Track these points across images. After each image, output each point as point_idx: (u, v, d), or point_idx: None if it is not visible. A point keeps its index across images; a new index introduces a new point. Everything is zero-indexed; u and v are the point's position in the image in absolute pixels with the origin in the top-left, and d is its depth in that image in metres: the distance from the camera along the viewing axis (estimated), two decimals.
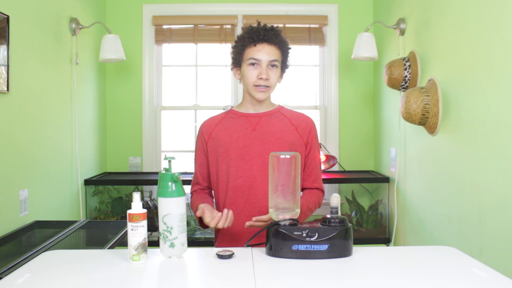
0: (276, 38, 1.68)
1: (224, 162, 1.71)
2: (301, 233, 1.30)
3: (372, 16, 3.66)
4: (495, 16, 1.88)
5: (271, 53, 1.67)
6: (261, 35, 1.66)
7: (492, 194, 1.90)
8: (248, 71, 1.68)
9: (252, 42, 1.67)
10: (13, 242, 2.10)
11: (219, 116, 1.81)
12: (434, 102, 2.32)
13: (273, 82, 1.70)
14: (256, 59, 1.66)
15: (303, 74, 3.79)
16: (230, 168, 1.70)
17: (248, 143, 1.71)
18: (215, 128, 1.76)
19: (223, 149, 1.72)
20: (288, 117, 1.77)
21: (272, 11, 3.65)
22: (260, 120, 1.74)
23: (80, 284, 1.13)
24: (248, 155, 1.70)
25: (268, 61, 1.67)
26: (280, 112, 1.78)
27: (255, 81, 1.67)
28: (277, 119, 1.75)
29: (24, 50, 2.32)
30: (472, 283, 1.13)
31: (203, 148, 1.77)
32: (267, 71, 1.67)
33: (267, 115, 1.76)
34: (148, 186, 3.51)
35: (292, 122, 1.75)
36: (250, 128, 1.73)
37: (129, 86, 3.65)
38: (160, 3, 3.63)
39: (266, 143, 1.70)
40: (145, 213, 1.29)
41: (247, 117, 1.75)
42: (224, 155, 1.71)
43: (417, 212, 2.79)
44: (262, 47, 1.67)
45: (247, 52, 1.68)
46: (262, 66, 1.66)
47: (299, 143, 1.73)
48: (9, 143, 2.17)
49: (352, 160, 3.72)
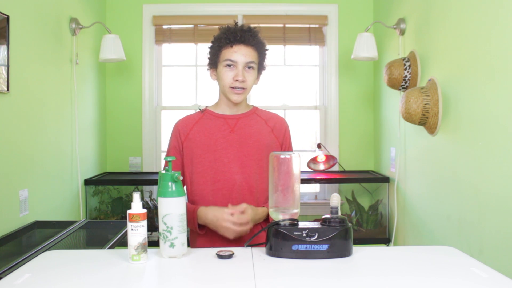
0: (253, 39, 1.66)
1: (199, 165, 1.68)
2: (301, 233, 1.30)
3: (372, 16, 3.66)
4: (495, 16, 1.88)
5: (247, 55, 1.64)
6: (238, 36, 1.64)
7: (492, 194, 1.90)
8: (224, 73, 1.66)
9: (229, 43, 1.64)
10: (13, 242, 2.10)
11: (195, 116, 1.77)
12: (434, 102, 2.32)
13: (249, 84, 1.67)
14: (233, 60, 1.64)
15: (303, 74, 3.79)
16: (207, 170, 1.67)
17: (226, 146, 1.68)
18: (192, 129, 1.72)
19: (200, 150, 1.68)
20: (263, 118, 1.76)
21: (272, 11, 3.65)
22: (237, 122, 1.72)
23: (80, 284, 1.13)
24: (226, 157, 1.67)
25: (244, 62, 1.64)
26: (256, 114, 1.77)
27: (231, 82, 1.65)
28: (254, 121, 1.74)
29: (24, 50, 2.32)
30: (472, 283, 1.13)
31: (179, 147, 1.72)
32: (243, 73, 1.64)
33: (245, 116, 1.74)
34: (148, 186, 3.51)
35: (267, 124, 1.75)
36: (228, 130, 1.71)
37: (129, 86, 3.65)
38: (160, 3, 3.63)
39: (243, 146, 1.69)
40: (145, 213, 1.29)
41: (225, 118, 1.73)
42: (201, 157, 1.68)
43: (417, 212, 2.79)
44: (238, 48, 1.64)
45: (224, 53, 1.66)
46: (239, 68, 1.64)
47: (275, 145, 1.73)
48: (9, 143, 2.17)
49: (352, 160, 3.72)
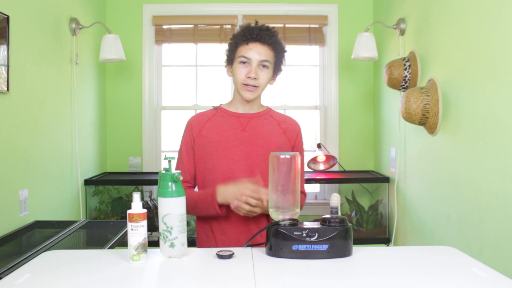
0: (270, 38, 1.66)
1: (210, 161, 1.69)
2: (301, 233, 1.30)
3: (372, 16, 3.66)
4: (495, 16, 1.88)
5: (262, 53, 1.65)
6: (255, 34, 1.65)
7: (492, 194, 1.90)
8: (237, 69, 1.67)
9: (245, 41, 1.66)
10: (13, 242, 2.10)
11: (208, 113, 1.77)
12: (434, 102, 2.32)
13: (262, 83, 1.67)
14: (247, 57, 1.65)
15: (303, 74, 3.79)
16: (217, 167, 1.68)
17: (236, 143, 1.69)
18: (205, 125, 1.73)
19: (211, 147, 1.69)
20: (276, 120, 1.76)
21: (272, 11, 3.65)
22: (250, 121, 1.73)
23: (80, 284, 1.13)
24: (236, 155, 1.68)
25: (258, 60, 1.65)
26: (269, 115, 1.77)
27: (243, 79, 1.66)
28: (266, 121, 1.74)
29: (24, 50, 2.32)
30: (472, 283, 1.13)
31: (191, 144, 1.73)
32: (256, 71, 1.65)
33: (257, 116, 1.74)
34: (148, 186, 3.51)
35: (280, 126, 1.75)
36: (240, 129, 1.71)
37: (129, 86, 3.65)
38: (160, 3, 3.63)
39: (254, 145, 1.69)
40: (145, 213, 1.29)
41: (237, 117, 1.73)
42: (212, 154, 1.69)
43: (417, 212, 2.79)
44: (254, 46, 1.65)
45: (239, 50, 1.67)
46: (252, 65, 1.65)
47: (286, 147, 1.73)
48: (9, 143, 2.17)
49: (352, 160, 3.72)
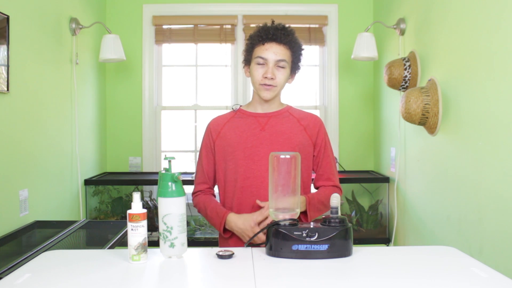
0: (286, 38, 1.66)
1: (231, 162, 1.70)
2: (301, 233, 1.30)
3: (372, 16, 3.66)
4: (495, 16, 1.88)
5: (278, 53, 1.65)
6: (270, 34, 1.65)
7: (492, 194, 1.90)
8: (255, 70, 1.68)
9: (261, 41, 1.66)
10: (13, 242, 2.10)
11: (228, 115, 1.79)
12: (434, 102, 2.32)
13: (279, 82, 1.68)
14: (263, 58, 1.66)
15: (303, 74, 3.78)
16: (238, 168, 1.69)
17: (256, 143, 1.69)
18: (224, 127, 1.75)
19: (231, 148, 1.71)
20: (296, 117, 1.76)
21: (272, 11, 3.65)
22: (268, 120, 1.73)
23: (80, 284, 1.13)
24: (257, 155, 1.68)
25: (275, 60, 1.65)
26: (289, 112, 1.77)
27: (260, 79, 1.67)
28: (285, 119, 1.74)
29: (24, 50, 2.32)
30: (472, 283, 1.13)
31: (211, 146, 1.75)
32: (273, 71, 1.66)
33: (276, 115, 1.75)
34: (148, 186, 3.51)
35: (300, 123, 1.75)
36: (258, 128, 1.72)
37: (129, 86, 3.65)
38: (160, 3, 3.63)
39: (274, 144, 1.69)
40: (145, 213, 1.29)
41: (256, 117, 1.74)
42: (232, 155, 1.70)
43: (417, 212, 2.79)
44: (270, 46, 1.66)
45: (256, 50, 1.68)
46: (269, 65, 1.65)
47: (307, 143, 1.72)
48: (9, 143, 2.17)
49: (352, 160, 3.72)
